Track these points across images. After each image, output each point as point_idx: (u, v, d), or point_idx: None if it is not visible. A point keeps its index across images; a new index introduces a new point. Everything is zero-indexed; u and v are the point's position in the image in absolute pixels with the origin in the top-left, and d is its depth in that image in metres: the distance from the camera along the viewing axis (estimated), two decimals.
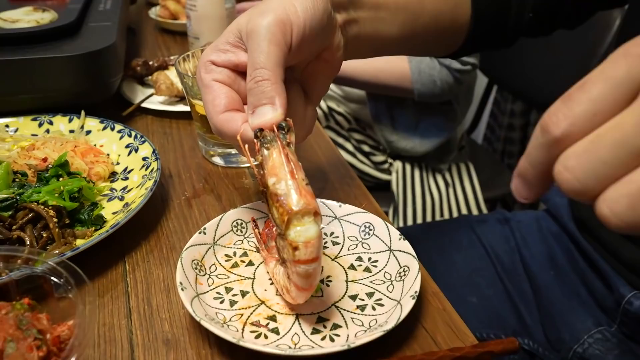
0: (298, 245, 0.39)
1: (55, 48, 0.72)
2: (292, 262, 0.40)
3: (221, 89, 0.47)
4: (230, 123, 0.45)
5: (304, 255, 0.40)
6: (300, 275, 0.41)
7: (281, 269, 0.45)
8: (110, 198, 0.60)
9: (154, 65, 0.89)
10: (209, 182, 0.66)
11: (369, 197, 0.63)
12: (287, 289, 0.43)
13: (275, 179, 0.40)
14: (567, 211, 0.87)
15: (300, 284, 0.41)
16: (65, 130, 0.71)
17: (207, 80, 0.47)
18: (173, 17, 1.21)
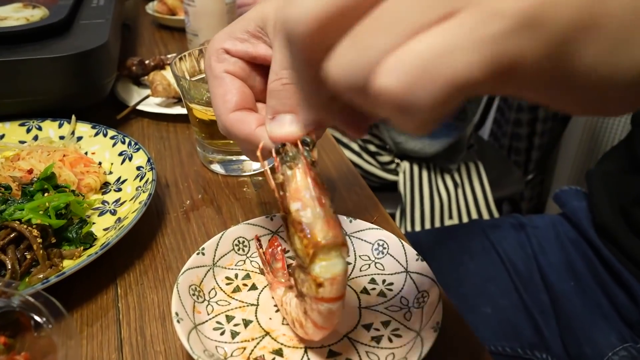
0: (323, 282, 0.35)
1: (45, 48, 0.67)
2: (314, 299, 0.36)
3: (233, 82, 0.41)
4: (243, 124, 0.40)
5: (329, 293, 0.35)
6: (322, 314, 0.36)
7: (294, 299, 0.40)
8: (102, 212, 0.55)
9: (150, 65, 0.85)
10: (208, 192, 0.61)
11: (380, 208, 0.59)
12: (302, 324, 0.39)
13: (299, 204, 0.34)
14: (586, 216, 0.83)
15: (320, 322, 0.37)
16: (55, 136, 0.66)
17: (218, 70, 0.41)
18: (171, 13, 1.16)
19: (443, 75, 0.20)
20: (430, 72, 0.20)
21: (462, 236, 0.92)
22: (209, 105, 0.59)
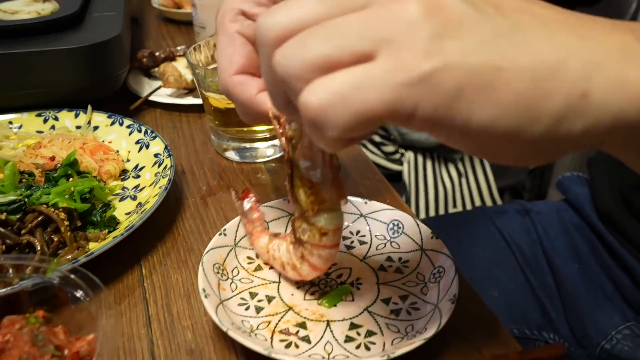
0: (328, 232, 0.39)
1: (59, 40, 0.69)
2: (316, 246, 0.40)
3: (244, 46, 0.41)
4: (243, 87, 0.41)
5: (331, 241, 0.40)
6: (323, 258, 0.41)
7: (283, 245, 0.44)
8: (122, 198, 0.57)
9: (161, 57, 0.86)
10: (224, 178, 0.63)
11: (392, 192, 0.60)
12: (295, 266, 0.43)
13: (309, 163, 0.38)
14: (588, 201, 0.84)
15: (320, 264, 0.42)
16: (71, 126, 0.67)
17: (231, 30, 0.42)
18: (177, 6, 1.17)
19: (354, 105, 0.24)
20: (345, 100, 0.24)
21: (467, 223, 0.94)
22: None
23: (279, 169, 0.64)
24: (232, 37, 0.41)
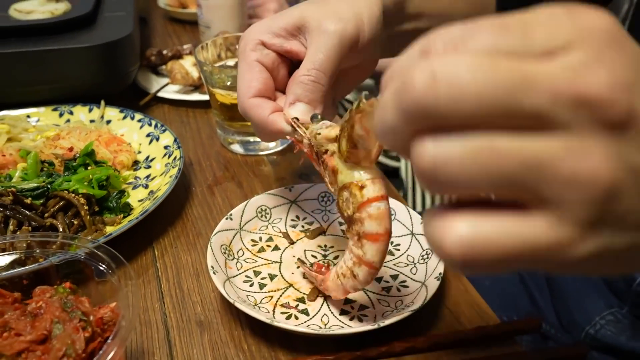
0: (365, 184, 0.38)
1: (73, 39, 0.73)
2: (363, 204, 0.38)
3: (261, 73, 0.47)
4: (259, 109, 0.46)
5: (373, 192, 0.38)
6: (374, 218, 0.38)
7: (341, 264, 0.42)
8: (135, 186, 0.61)
9: (168, 55, 0.90)
10: (229, 169, 0.67)
11: (389, 185, 0.65)
12: (352, 272, 0.41)
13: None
14: None
15: (374, 228, 0.38)
16: (85, 120, 0.72)
17: (250, 58, 0.47)
18: (182, 6, 1.21)
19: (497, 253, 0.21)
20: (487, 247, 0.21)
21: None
22: (229, 89, 0.65)
23: (281, 161, 0.68)
24: (251, 65, 0.47)
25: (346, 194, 0.39)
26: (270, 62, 0.47)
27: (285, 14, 0.47)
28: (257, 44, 0.47)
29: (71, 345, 0.36)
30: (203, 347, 0.44)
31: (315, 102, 0.44)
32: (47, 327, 0.37)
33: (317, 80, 0.44)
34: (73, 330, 0.36)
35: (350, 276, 0.41)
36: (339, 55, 0.45)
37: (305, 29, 0.46)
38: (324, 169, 0.42)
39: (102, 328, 0.38)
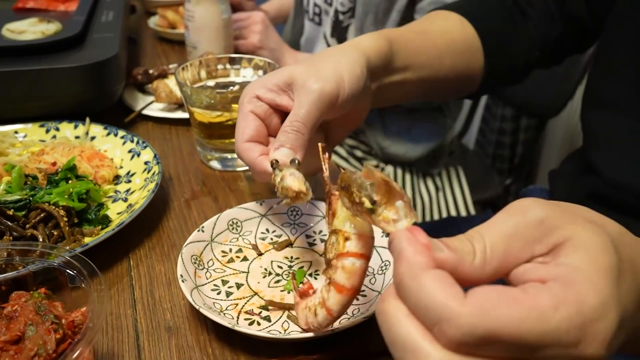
0: (350, 237, 0.39)
1: (62, 59, 0.76)
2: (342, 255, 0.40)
3: (254, 121, 0.54)
4: (249, 152, 0.53)
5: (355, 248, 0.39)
6: (345, 270, 0.39)
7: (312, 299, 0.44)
8: (115, 199, 0.64)
9: (154, 74, 0.94)
10: (206, 184, 0.70)
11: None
12: (315, 311, 0.43)
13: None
14: None
15: (343, 281, 0.40)
16: (71, 136, 0.75)
17: (245, 110, 0.54)
18: (171, 27, 1.26)
19: None
20: None
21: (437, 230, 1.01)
22: (207, 109, 0.68)
23: None
24: (246, 115, 0.54)
25: (334, 239, 0.41)
26: (263, 113, 0.55)
27: (278, 72, 0.54)
28: (253, 97, 0.54)
29: (42, 346, 0.39)
30: (170, 351, 0.46)
31: (296, 148, 0.51)
32: (20, 329, 0.39)
33: (298, 130, 0.51)
34: (45, 332, 0.39)
35: (313, 313, 0.43)
36: (318, 109, 0.52)
37: (293, 86, 0.53)
38: (328, 207, 0.45)
39: (73, 330, 0.41)
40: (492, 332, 0.26)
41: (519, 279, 0.30)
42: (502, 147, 2.19)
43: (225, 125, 0.70)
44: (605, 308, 0.28)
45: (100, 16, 0.96)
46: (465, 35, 0.72)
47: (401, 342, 0.28)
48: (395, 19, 1.08)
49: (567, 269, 0.28)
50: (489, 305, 0.26)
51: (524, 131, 2.13)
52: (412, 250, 0.28)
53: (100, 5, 1.02)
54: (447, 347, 0.27)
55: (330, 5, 1.17)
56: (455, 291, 0.27)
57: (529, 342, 0.26)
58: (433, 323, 0.27)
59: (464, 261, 0.29)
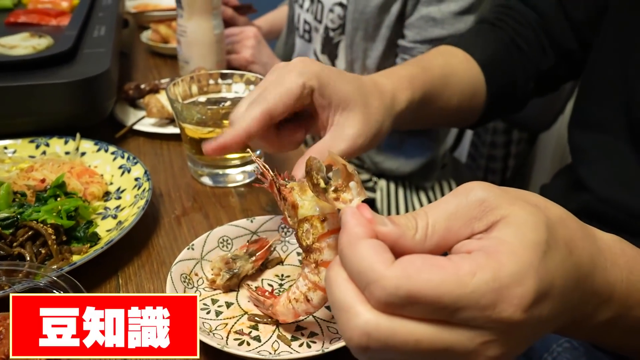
0: (326, 217, 0.42)
1: (53, 74, 0.76)
2: (323, 236, 0.42)
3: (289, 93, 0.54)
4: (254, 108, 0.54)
5: (333, 225, 0.42)
6: (331, 247, 0.42)
7: (294, 290, 0.46)
8: (104, 216, 0.64)
9: (146, 89, 0.94)
10: (197, 201, 0.70)
11: None
12: (306, 297, 0.44)
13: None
14: None
15: (332, 257, 0.42)
16: (61, 152, 0.74)
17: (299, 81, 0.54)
18: (164, 41, 1.26)
19: None
20: None
21: None
22: (199, 125, 0.68)
23: (247, 193, 0.71)
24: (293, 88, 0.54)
25: (307, 226, 0.43)
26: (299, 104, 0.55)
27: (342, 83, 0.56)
28: (311, 88, 0.54)
29: None
30: None
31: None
32: (5, 352, 0.39)
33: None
34: None
35: (304, 301, 0.45)
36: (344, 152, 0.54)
37: (343, 114, 0.55)
38: (284, 203, 0.45)
39: None
40: (413, 294, 0.29)
41: (456, 253, 0.33)
42: (494, 160, 2.20)
43: None
44: (523, 275, 0.30)
45: (93, 31, 0.96)
46: (470, 71, 0.76)
47: (338, 303, 0.31)
48: (384, 35, 1.09)
49: (494, 241, 0.31)
50: (412, 269, 0.29)
51: (515, 144, 2.14)
52: (353, 223, 0.32)
53: (93, 20, 1.02)
54: (376, 307, 0.30)
55: (320, 22, 1.18)
56: (385, 258, 0.30)
57: (447, 304, 0.29)
58: (364, 286, 0.30)
59: (405, 235, 0.32)
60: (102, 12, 1.08)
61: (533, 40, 0.79)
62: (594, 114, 0.73)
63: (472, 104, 0.76)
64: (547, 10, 0.77)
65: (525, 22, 0.79)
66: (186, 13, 1.03)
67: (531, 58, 0.79)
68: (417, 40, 1.08)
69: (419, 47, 1.08)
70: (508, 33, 0.80)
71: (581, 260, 0.34)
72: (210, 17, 1.04)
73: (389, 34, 1.09)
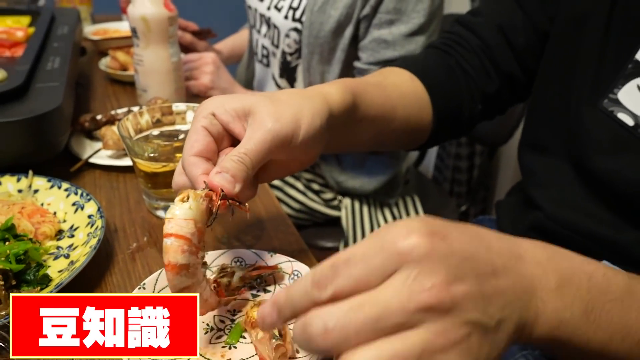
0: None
1: (4, 112, 0.75)
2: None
3: (205, 137, 0.53)
4: (194, 167, 0.52)
5: None
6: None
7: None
8: (57, 256, 0.63)
9: (102, 120, 0.94)
10: (152, 235, 0.70)
11: (301, 243, 0.69)
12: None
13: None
14: None
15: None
16: (13, 189, 0.74)
17: (199, 125, 0.54)
18: (122, 68, 1.26)
19: None
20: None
21: None
22: (150, 160, 0.68)
23: None
24: (198, 130, 0.54)
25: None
26: (216, 132, 0.54)
27: (241, 98, 0.54)
28: (209, 113, 0.54)
29: None
30: None
31: (237, 178, 0.50)
32: None
33: (244, 162, 0.50)
34: None
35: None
36: (268, 148, 0.52)
37: (250, 116, 0.53)
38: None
39: None
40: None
41: None
42: (459, 172, 2.25)
43: (170, 174, 0.70)
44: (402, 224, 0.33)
45: (46, 63, 0.95)
46: (415, 89, 0.77)
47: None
48: (340, 58, 1.11)
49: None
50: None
51: (479, 155, 2.19)
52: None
53: (47, 52, 1.01)
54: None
55: (277, 47, 1.20)
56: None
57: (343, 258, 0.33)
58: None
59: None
60: (57, 42, 1.07)
61: (478, 65, 0.81)
62: (540, 137, 0.76)
63: (419, 122, 0.77)
64: (489, 37, 0.80)
65: (469, 47, 0.82)
66: (142, 42, 1.03)
67: (477, 82, 0.82)
68: (371, 62, 1.10)
69: (373, 68, 1.11)
70: (454, 57, 0.82)
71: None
72: (166, 46, 1.04)
73: (344, 56, 1.12)
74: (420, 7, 1.05)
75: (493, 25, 0.80)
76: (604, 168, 0.64)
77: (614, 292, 0.41)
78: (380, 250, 0.32)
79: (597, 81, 0.67)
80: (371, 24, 1.08)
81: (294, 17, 1.13)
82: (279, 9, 1.16)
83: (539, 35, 0.77)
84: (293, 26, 1.14)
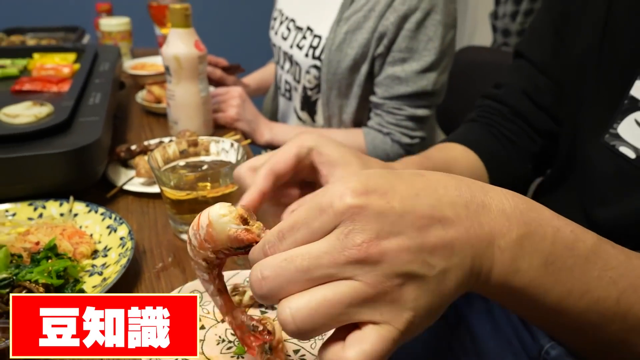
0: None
1: (50, 144, 0.85)
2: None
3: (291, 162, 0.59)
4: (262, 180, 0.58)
5: None
6: None
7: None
8: (92, 273, 0.72)
9: (136, 151, 1.03)
10: (176, 256, 0.78)
11: None
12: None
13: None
14: None
15: None
16: (56, 213, 0.83)
17: (294, 149, 0.59)
18: (157, 101, 1.36)
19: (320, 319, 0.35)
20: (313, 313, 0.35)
21: None
22: (175, 188, 0.76)
23: None
24: (292, 152, 0.59)
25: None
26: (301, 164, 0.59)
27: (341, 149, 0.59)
28: (308, 147, 0.59)
29: None
30: None
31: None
32: None
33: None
34: None
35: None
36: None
37: (345, 163, 0.58)
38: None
39: None
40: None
41: None
42: None
43: (193, 202, 0.78)
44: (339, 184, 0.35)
45: (89, 98, 1.06)
46: (471, 159, 0.83)
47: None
48: (356, 93, 1.18)
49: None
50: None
51: None
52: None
53: (90, 87, 1.12)
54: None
55: (299, 82, 1.28)
56: None
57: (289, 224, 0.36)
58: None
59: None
60: (98, 79, 1.18)
61: (517, 130, 0.86)
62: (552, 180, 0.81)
63: None
64: (518, 104, 0.85)
65: (504, 116, 0.87)
66: (174, 78, 1.13)
67: (521, 145, 0.87)
68: (385, 96, 1.17)
69: (388, 103, 1.18)
70: (494, 127, 0.88)
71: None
72: (196, 82, 1.14)
73: (360, 91, 1.19)
74: (431, 46, 1.12)
75: (518, 93, 0.86)
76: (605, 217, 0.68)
77: (580, 248, 0.40)
78: (319, 212, 0.35)
79: (598, 118, 0.71)
80: (385, 62, 1.15)
81: (314, 55, 1.22)
82: (300, 48, 1.25)
83: (561, 86, 0.82)
84: (313, 63, 1.22)
